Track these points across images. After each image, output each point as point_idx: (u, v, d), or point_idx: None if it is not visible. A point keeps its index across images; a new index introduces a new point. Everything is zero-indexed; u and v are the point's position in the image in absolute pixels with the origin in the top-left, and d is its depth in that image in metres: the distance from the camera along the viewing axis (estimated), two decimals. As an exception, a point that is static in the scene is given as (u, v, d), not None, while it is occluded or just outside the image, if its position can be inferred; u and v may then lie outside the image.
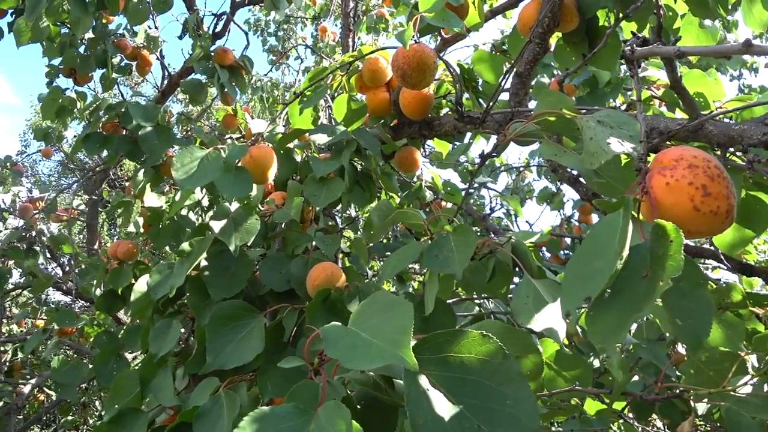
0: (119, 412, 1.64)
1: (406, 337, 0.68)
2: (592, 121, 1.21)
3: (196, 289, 1.61)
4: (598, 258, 0.67)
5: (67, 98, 3.83)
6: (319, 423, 0.67)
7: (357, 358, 0.68)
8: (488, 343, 0.74)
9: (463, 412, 0.69)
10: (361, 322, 0.75)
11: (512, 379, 0.71)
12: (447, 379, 0.72)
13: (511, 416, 0.69)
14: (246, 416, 0.68)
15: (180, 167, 1.43)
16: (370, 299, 0.80)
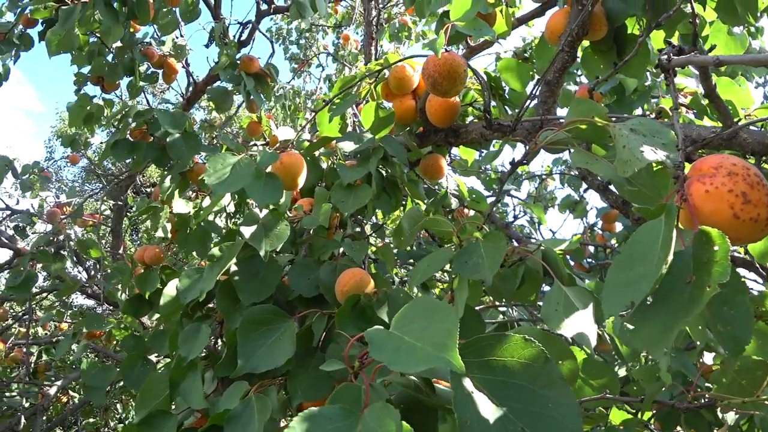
0: (149, 413, 1.67)
1: (452, 340, 0.69)
2: (625, 129, 1.21)
3: (225, 293, 1.63)
4: (639, 264, 0.68)
5: (95, 105, 3.89)
6: (366, 425, 0.68)
7: (402, 362, 0.69)
8: (530, 347, 0.74)
9: (507, 415, 0.70)
10: (403, 327, 0.76)
11: (554, 382, 0.72)
12: (490, 382, 0.73)
13: (554, 420, 0.69)
14: (296, 417, 0.69)
15: (213, 173, 1.45)
16: (411, 305, 0.81)
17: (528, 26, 5.22)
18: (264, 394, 1.38)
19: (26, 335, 3.37)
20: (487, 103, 1.75)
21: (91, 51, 3.78)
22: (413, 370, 0.66)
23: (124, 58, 3.81)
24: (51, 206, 4.03)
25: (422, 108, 2.16)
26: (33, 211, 3.98)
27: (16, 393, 3.99)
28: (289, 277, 1.67)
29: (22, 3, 3.59)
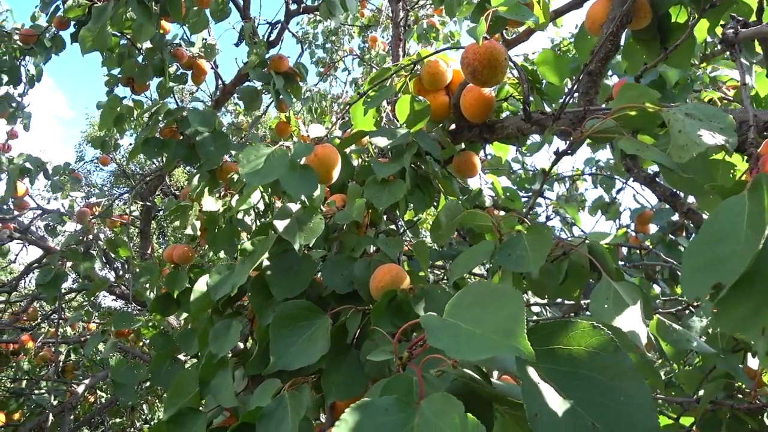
0: (178, 411, 1.64)
1: (518, 325, 0.63)
2: (680, 114, 1.15)
3: (258, 288, 1.59)
4: (722, 243, 0.62)
5: (125, 107, 3.91)
6: (424, 417, 0.63)
7: (463, 349, 0.64)
8: (599, 334, 0.69)
9: (575, 408, 0.64)
10: (458, 314, 0.71)
11: (625, 373, 0.66)
12: (555, 372, 0.68)
13: (626, 413, 0.64)
14: (348, 408, 0.65)
15: (246, 163, 1.42)
16: (465, 290, 0.76)
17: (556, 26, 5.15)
18: (297, 391, 1.34)
19: (55, 334, 3.38)
20: (526, 95, 1.69)
21: (121, 53, 3.81)
22: (475, 359, 0.61)
23: (153, 59, 3.83)
24: (81, 206, 4.06)
25: (456, 103, 2.11)
26: (63, 211, 4.01)
27: (44, 391, 4.01)
28: (323, 273, 1.63)
29: (55, 3, 3.62)
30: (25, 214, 4.19)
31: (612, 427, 0.63)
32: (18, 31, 4.14)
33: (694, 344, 1.54)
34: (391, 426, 0.62)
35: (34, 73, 4.18)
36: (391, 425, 0.62)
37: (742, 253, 0.58)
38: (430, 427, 0.61)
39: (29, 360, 4.45)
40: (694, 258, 0.65)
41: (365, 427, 0.62)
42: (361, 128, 1.95)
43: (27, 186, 4.15)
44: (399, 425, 0.62)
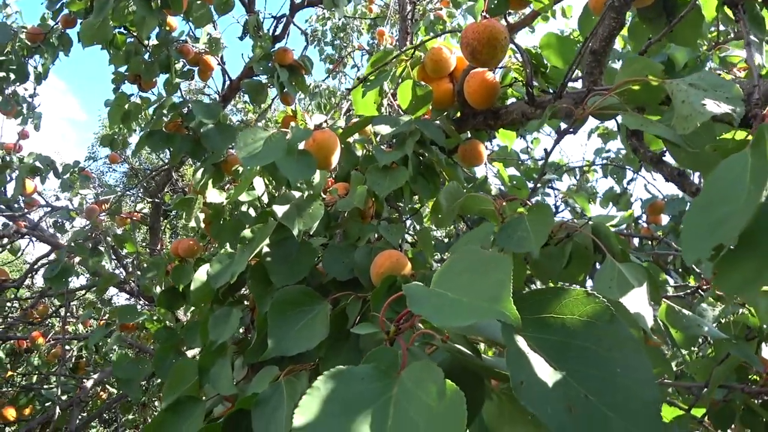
0: (177, 400, 1.61)
1: (504, 290, 0.60)
2: (684, 85, 1.11)
3: (257, 276, 1.57)
4: (724, 203, 0.58)
5: (133, 104, 3.92)
6: (403, 386, 0.60)
7: (446, 316, 0.60)
8: (594, 302, 0.65)
9: (567, 379, 0.61)
10: (446, 283, 0.68)
11: (622, 343, 0.63)
12: (546, 342, 0.64)
13: (623, 386, 0.60)
14: (321, 376, 0.62)
15: (243, 146, 1.40)
16: (453, 258, 0.72)
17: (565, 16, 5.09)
18: (294, 378, 1.31)
19: (63, 329, 3.39)
20: (530, 77, 1.66)
21: (128, 50, 3.82)
22: (459, 324, 0.57)
23: (160, 55, 3.83)
24: (90, 203, 4.07)
25: (460, 90, 2.08)
26: (72, 208, 4.02)
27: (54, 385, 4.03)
28: (323, 260, 1.61)
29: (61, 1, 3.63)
30: (34, 210, 4.21)
31: (607, 400, 0.59)
32: (25, 30, 4.16)
33: (705, 329, 1.50)
34: (367, 395, 0.60)
35: (41, 71, 4.19)
36: (368, 394, 0.60)
37: (743, 210, 0.54)
38: (409, 396, 0.58)
39: (40, 356, 4.47)
40: (694, 221, 0.61)
41: (338, 395, 0.59)
42: (362, 113, 1.92)
43: (36, 183, 4.16)
44: (376, 394, 0.59)
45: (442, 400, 0.54)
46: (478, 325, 0.65)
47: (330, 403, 0.58)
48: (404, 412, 0.55)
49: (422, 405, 0.55)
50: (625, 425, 0.57)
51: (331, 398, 0.59)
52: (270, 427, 1.22)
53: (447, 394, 0.54)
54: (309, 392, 0.60)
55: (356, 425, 0.55)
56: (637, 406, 0.58)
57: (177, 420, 1.55)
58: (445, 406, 0.53)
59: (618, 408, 0.58)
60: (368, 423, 0.55)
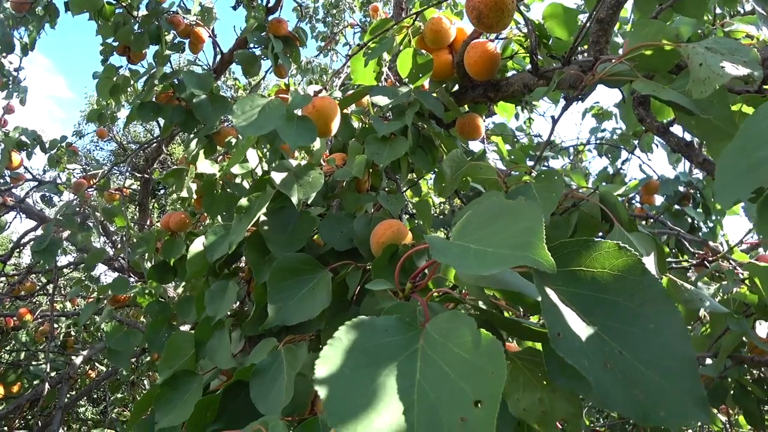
0: (173, 374, 1.59)
1: (536, 237, 0.57)
2: (700, 48, 1.09)
3: (254, 245, 1.53)
4: (762, 148, 0.56)
5: (121, 77, 3.84)
6: (430, 338, 0.56)
7: (473, 264, 0.57)
8: (625, 255, 0.62)
9: (600, 334, 0.58)
10: (467, 236, 0.64)
11: (654, 298, 0.60)
12: (577, 296, 0.62)
13: (656, 341, 0.58)
14: (342, 326, 0.59)
15: (240, 114, 1.35)
16: (473, 211, 0.69)
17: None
18: (295, 346, 1.29)
19: (51, 306, 3.34)
20: (534, 46, 1.62)
21: (116, 21, 3.72)
22: (488, 272, 0.54)
23: (150, 26, 3.74)
24: (78, 178, 3.99)
25: (459, 62, 2.04)
26: (60, 181, 3.95)
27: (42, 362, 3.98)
28: (321, 230, 1.57)
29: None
30: (21, 185, 4.13)
31: (641, 356, 0.57)
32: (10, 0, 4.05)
33: (707, 303, 1.48)
34: (391, 347, 0.56)
35: (27, 41, 4.09)
36: (392, 346, 0.56)
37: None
38: (438, 348, 0.54)
39: (28, 333, 4.41)
40: (730, 164, 0.59)
41: (362, 347, 0.56)
42: (361, 82, 1.88)
43: (23, 158, 4.08)
44: (400, 347, 0.56)
45: (477, 349, 0.51)
46: (501, 278, 0.62)
47: (353, 354, 0.55)
48: (433, 364, 0.52)
49: (454, 356, 0.52)
50: (661, 381, 0.54)
51: (355, 349, 0.56)
52: (269, 395, 1.19)
53: (482, 343, 0.51)
54: (330, 343, 0.56)
55: (383, 378, 0.52)
56: (672, 363, 0.56)
57: (175, 394, 1.53)
58: (482, 355, 0.50)
59: (652, 364, 0.56)
60: (395, 376, 0.52)
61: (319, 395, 0.50)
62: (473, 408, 0.45)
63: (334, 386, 0.51)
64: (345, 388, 0.51)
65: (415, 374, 0.51)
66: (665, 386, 0.55)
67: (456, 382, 0.48)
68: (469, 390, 0.47)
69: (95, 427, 6.36)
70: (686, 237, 2.76)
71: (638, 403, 0.54)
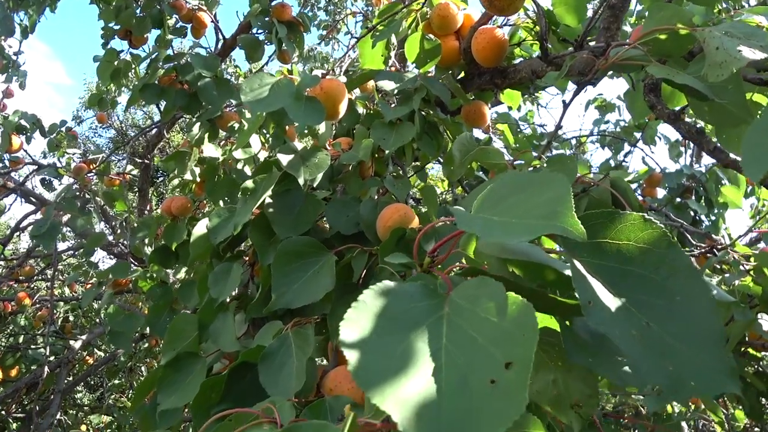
0: (176, 356, 1.58)
1: (564, 205, 0.55)
2: (717, 32, 1.08)
3: (259, 227, 1.52)
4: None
5: (123, 61, 3.81)
6: (455, 305, 0.55)
7: (498, 233, 0.56)
8: (651, 228, 0.61)
9: (627, 307, 0.58)
10: (489, 208, 0.63)
11: (681, 271, 0.59)
12: (603, 268, 0.61)
13: (683, 314, 0.57)
14: (367, 290, 0.58)
15: (249, 91, 1.34)
16: (496, 184, 0.67)
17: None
18: (302, 329, 1.28)
19: (51, 289, 3.33)
20: (544, 31, 1.60)
21: (118, 5, 3.69)
22: (515, 240, 0.53)
23: (152, 10, 3.71)
24: (78, 162, 3.97)
25: (466, 48, 2.02)
26: (60, 165, 3.93)
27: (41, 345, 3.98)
28: (327, 213, 1.56)
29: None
30: (21, 168, 4.11)
31: (669, 328, 0.56)
32: (11, -19, 4.02)
33: (714, 292, 1.47)
34: (417, 313, 0.55)
35: (27, 24, 4.06)
36: (418, 312, 0.55)
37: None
38: (464, 314, 0.53)
39: (26, 317, 4.40)
40: (759, 138, 0.58)
41: (388, 311, 0.55)
42: (369, 66, 1.86)
43: (22, 141, 4.05)
44: (427, 312, 0.55)
45: (506, 313, 0.50)
46: (526, 250, 0.61)
47: (380, 319, 0.54)
48: (459, 329, 0.51)
49: (481, 321, 0.51)
50: (690, 353, 0.54)
51: (381, 314, 0.55)
52: (279, 380, 1.18)
53: (511, 308, 0.50)
54: (355, 306, 0.56)
55: (409, 343, 0.51)
56: (700, 334, 0.55)
57: (178, 376, 1.52)
58: (512, 320, 0.49)
59: (681, 336, 0.56)
60: (422, 341, 0.51)
61: (347, 358, 0.49)
62: (504, 371, 0.45)
63: (363, 350, 0.50)
64: (374, 353, 0.50)
65: (441, 339, 0.51)
66: (695, 358, 0.54)
67: (484, 347, 0.48)
68: (499, 354, 0.46)
69: (92, 413, 6.36)
70: (689, 229, 2.76)
71: (669, 375, 0.53)
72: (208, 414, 1.30)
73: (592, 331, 0.77)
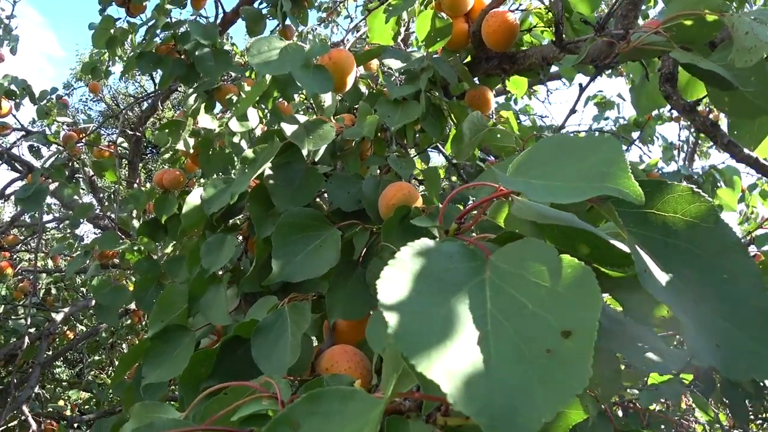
0: (165, 328, 1.52)
1: (618, 167, 0.51)
2: (746, 17, 1.04)
3: (258, 198, 1.47)
4: None
5: (119, 29, 3.72)
6: (496, 268, 0.50)
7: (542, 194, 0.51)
8: (699, 201, 0.57)
9: (675, 282, 0.54)
10: (526, 173, 0.58)
11: (728, 248, 0.55)
12: (648, 240, 0.57)
13: (731, 292, 0.53)
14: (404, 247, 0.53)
15: (257, 54, 1.29)
16: (534, 148, 0.61)
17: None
18: (299, 304, 1.23)
19: (34, 260, 3.25)
20: (560, 15, 1.56)
21: (116, -29, 3.60)
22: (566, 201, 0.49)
23: (151, -22, 3.63)
24: (67, 131, 3.88)
25: (476, 31, 1.98)
26: (50, 132, 3.84)
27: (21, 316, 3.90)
28: (328, 189, 1.52)
29: None
30: (8, 134, 4.01)
31: (717, 306, 0.52)
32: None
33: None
34: (458, 274, 0.50)
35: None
36: (459, 273, 0.50)
37: None
38: (508, 279, 0.48)
39: (7, 288, 4.32)
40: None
41: (429, 271, 0.49)
42: (378, 41, 1.81)
43: (11, 105, 3.95)
44: (468, 274, 0.50)
45: (558, 278, 0.45)
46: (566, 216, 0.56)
47: (420, 279, 0.48)
48: (505, 294, 0.46)
49: (530, 285, 0.46)
50: (740, 334, 0.50)
51: (422, 274, 0.49)
52: (272, 355, 1.14)
53: (566, 271, 0.46)
54: (392, 264, 0.50)
55: (452, 306, 0.45)
56: (748, 314, 0.52)
57: (165, 348, 1.47)
58: (569, 284, 0.44)
59: (729, 316, 0.52)
60: (466, 304, 0.46)
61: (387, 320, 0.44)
62: (561, 339, 0.40)
63: (405, 312, 0.45)
64: (416, 315, 0.44)
65: (485, 304, 0.46)
66: (744, 339, 0.50)
67: (536, 313, 0.43)
68: (555, 321, 0.42)
69: (70, 388, 6.28)
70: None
71: (719, 355, 0.49)
72: (197, 389, 1.25)
73: (611, 315, 0.74)
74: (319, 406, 0.50)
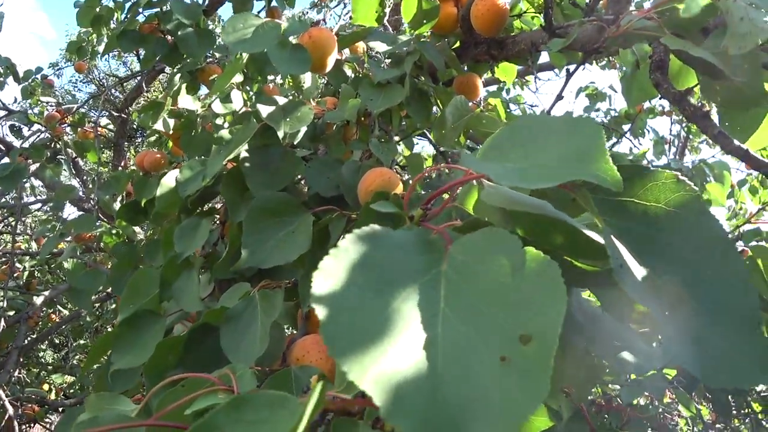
0: (134, 313, 1.47)
1: (597, 150, 0.46)
2: (742, 2, 1.00)
3: (232, 181, 1.42)
4: None
5: (105, 8, 3.63)
6: (455, 262, 0.45)
7: (513, 178, 0.46)
8: (683, 189, 0.52)
9: (653, 278, 0.49)
10: (499, 156, 0.53)
11: (712, 243, 0.51)
12: (626, 231, 0.51)
13: (713, 295, 0.49)
14: (350, 234, 0.48)
15: (232, 32, 1.23)
16: (507, 129, 0.56)
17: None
18: (271, 292, 1.19)
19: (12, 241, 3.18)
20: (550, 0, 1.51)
21: (103, -51, 3.52)
22: (532, 186, 0.44)
23: (137, -44, 3.54)
24: (51, 111, 3.79)
25: (465, 15, 1.92)
26: (31, 112, 3.76)
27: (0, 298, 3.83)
28: (306, 174, 1.47)
29: None
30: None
31: (695, 306, 0.48)
32: None
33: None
34: (409, 267, 0.44)
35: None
36: (410, 266, 0.44)
37: None
38: (467, 274, 0.43)
39: (-12, 270, 4.23)
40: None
41: (373, 262, 0.43)
42: (362, 22, 1.75)
43: (-7, 84, 3.87)
44: (422, 267, 0.44)
45: (521, 273, 0.40)
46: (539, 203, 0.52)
47: (362, 270, 0.43)
48: (461, 291, 0.41)
49: (489, 282, 0.40)
50: (720, 340, 0.46)
51: (364, 264, 0.43)
52: (241, 344, 1.09)
53: (529, 265, 0.41)
54: (333, 253, 0.45)
55: (398, 303, 0.40)
56: (730, 319, 0.47)
57: (135, 334, 1.42)
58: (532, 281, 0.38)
59: (710, 319, 0.47)
60: (414, 302, 0.41)
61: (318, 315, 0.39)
62: (518, 345, 0.35)
63: (338, 306, 0.40)
64: (353, 311, 0.39)
65: (438, 303, 0.40)
66: (725, 345, 0.46)
67: (494, 314, 0.38)
68: (511, 323, 0.37)
69: (55, 372, 6.23)
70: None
71: (698, 362, 0.45)
72: (162, 378, 1.21)
73: (587, 311, 0.70)
74: (245, 413, 0.45)
